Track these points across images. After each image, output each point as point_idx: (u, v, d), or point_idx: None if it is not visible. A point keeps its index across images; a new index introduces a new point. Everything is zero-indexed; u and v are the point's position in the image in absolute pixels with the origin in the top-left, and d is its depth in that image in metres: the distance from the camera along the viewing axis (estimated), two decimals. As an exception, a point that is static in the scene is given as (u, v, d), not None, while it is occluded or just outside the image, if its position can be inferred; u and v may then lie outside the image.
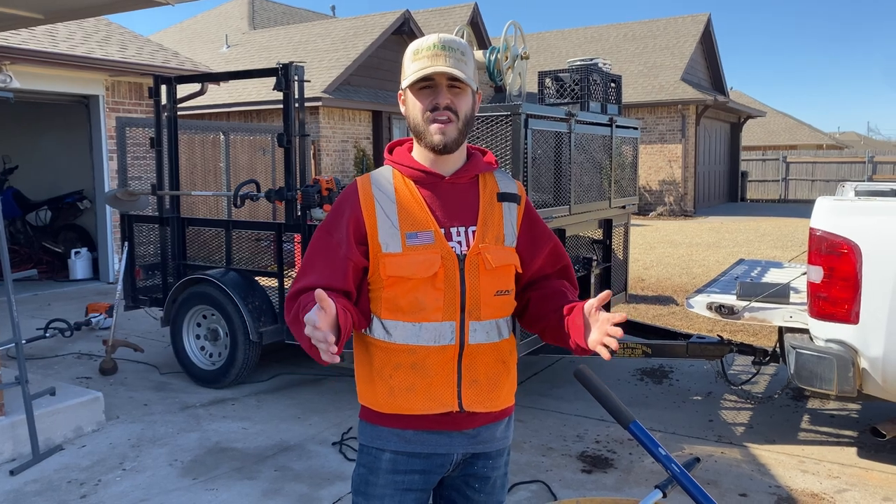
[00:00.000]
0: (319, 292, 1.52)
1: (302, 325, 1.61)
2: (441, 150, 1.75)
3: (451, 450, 1.82)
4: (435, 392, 1.76)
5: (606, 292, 1.65)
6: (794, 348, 3.97)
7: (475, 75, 1.80)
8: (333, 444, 4.35)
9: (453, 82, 1.73)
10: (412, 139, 1.85)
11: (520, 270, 1.87)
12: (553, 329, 1.84)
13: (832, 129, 54.52)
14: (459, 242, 1.77)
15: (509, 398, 1.89)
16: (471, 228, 1.79)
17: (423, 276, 1.72)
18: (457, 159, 1.81)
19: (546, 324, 1.86)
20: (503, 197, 1.86)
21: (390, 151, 1.88)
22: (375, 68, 16.40)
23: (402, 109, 1.83)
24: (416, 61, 1.73)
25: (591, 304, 1.69)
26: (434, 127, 1.73)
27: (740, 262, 6.40)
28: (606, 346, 1.63)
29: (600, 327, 1.65)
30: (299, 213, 5.23)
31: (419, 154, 1.82)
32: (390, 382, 1.78)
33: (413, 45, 1.77)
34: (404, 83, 1.76)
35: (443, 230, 1.76)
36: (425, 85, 1.73)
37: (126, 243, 6.17)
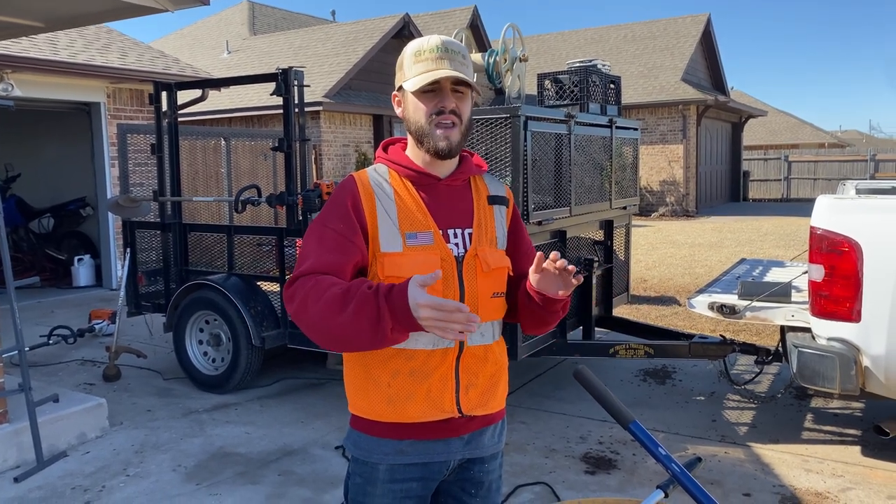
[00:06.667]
0: (420, 278, 1.48)
1: (348, 302, 1.54)
2: (445, 156, 1.74)
3: (448, 457, 1.80)
4: (434, 398, 1.73)
5: (540, 255, 1.69)
6: (796, 347, 3.97)
7: (473, 77, 1.80)
8: (336, 447, 4.35)
9: (457, 86, 1.72)
10: (405, 139, 1.84)
11: (511, 273, 1.87)
12: (523, 305, 1.82)
13: (834, 128, 54.48)
14: (457, 244, 1.76)
15: (502, 401, 1.88)
16: (467, 230, 1.79)
17: None
18: (451, 161, 1.81)
19: (519, 306, 1.84)
20: (493, 200, 1.86)
21: (385, 149, 1.86)
22: (376, 72, 16.43)
23: (398, 111, 1.80)
24: (418, 63, 1.71)
25: (535, 265, 1.70)
26: (439, 132, 1.71)
27: (742, 261, 6.40)
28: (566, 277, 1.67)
29: (551, 274, 1.68)
30: (301, 218, 5.24)
31: (414, 155, 1.80)
32: (388, 391, 1.73)
33: (413, 46, 1.75)
34: (408, 86, 1.73)
35: (441, 231, 1.75)
36: (430, 88, 1.71)
37: (128, 250, 6.19)
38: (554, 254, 1.65)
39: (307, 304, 1.59)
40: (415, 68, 1.72)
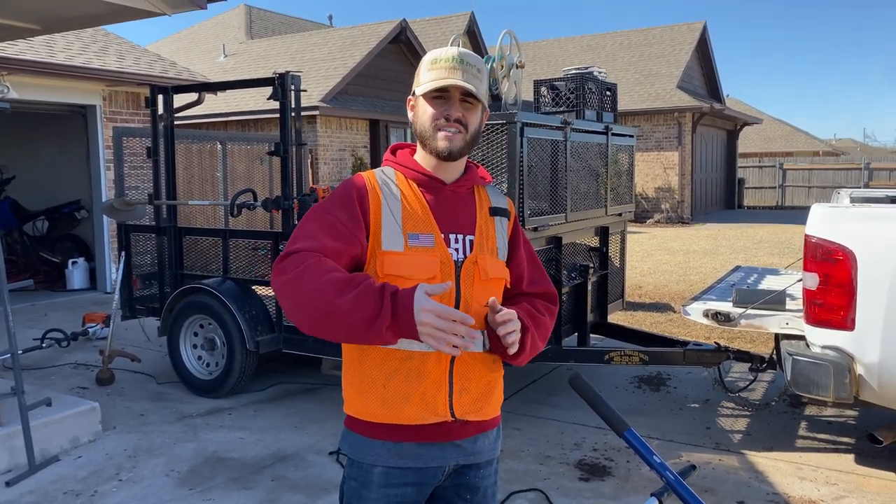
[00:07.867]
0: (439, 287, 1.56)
1: (351, 288, 1.55)
2: (445, 157, 1.78)
3: (443, 462, 1.80)
4: (428, 401, 1.74)
5: (492, 300, 1.71)
6: (790, 355, 3.97)
7: (487, 92, 1.82)
8: (331, 453, 4.34)
9: (466, 97, 1.76)
10: (415, 145, 1.87)
11: (508, 286, 1.87)
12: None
13: (829, 136, 54.77)
14: (457, 249, 1.78)
15: (497, 408, 1.89)
16: (468, 237, 1.80)
17: (421, 278, 1.70)
18: (457, 169, 1.84)
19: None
20: (495, 211, 1.89)
21: (393, 153, 1.90)
22: (373, 77, 16.44)
23: (410, 115, 1.84)
24: (432, 70, 1.76)
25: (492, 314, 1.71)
26: (441, 134, 1.75)
27: (737, 268, 6.41)
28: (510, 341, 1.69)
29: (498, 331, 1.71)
30: (296, 222, 5.24)
31: (422, 159, 1.84)
32: (384, 392, 1.74)
33: (431, 55, 1.80)
34: (419, 90, 1.78)
35: (442, 235, 1.77)
36: (439, 95, 1.76)
37: (123, 253, 6.17)
38: (493, 300, 1.70)
39: (302, 279, 1.58)
40: (429, 75, 1.77)
